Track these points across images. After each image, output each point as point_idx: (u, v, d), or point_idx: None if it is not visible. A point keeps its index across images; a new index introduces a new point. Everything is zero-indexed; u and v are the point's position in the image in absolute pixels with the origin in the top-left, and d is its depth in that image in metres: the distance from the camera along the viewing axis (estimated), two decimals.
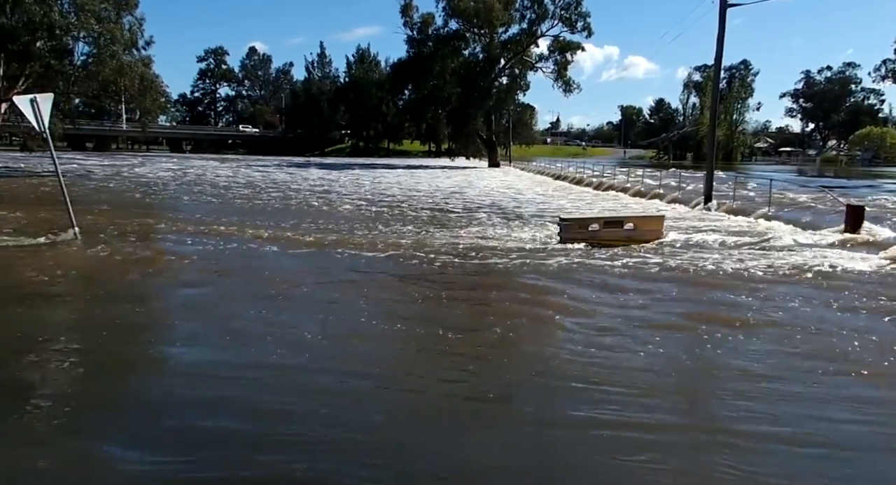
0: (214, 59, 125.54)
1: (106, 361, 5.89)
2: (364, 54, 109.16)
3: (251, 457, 4.03)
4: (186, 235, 13.75)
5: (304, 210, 20.56)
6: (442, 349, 6.31)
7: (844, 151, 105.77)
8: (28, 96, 12.32)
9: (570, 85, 67.08)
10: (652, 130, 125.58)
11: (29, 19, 31.44)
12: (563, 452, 4.22)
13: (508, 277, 9.92)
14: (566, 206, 23.94)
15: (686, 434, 4.50)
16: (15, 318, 7.20)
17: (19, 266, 10.07)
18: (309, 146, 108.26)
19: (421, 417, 4.83)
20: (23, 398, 4.95)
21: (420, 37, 68.05)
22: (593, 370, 5.60)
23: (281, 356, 5.94)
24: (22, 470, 3.92)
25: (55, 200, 16.36)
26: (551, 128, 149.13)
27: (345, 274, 10.03)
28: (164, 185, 32.22)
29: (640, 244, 12.72)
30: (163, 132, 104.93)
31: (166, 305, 8.26)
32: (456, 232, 15.11)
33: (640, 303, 8.15)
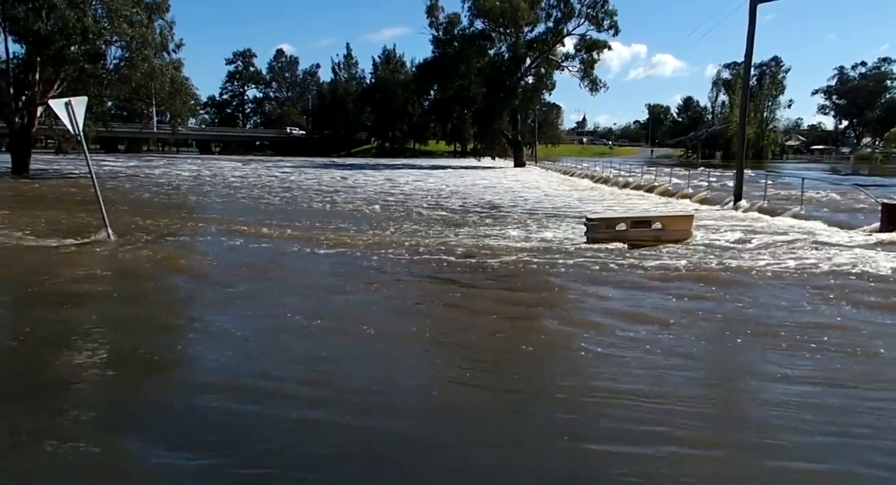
0: (242, 62, 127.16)
1: (139, 360, 5.99)
2: (390, 55, 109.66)
3: (281, 456, 4.06)
4: (216, 235, 13.93)
5: (345, 213, 20.71)
6: (464, 350, 6.31)
7: (879, 148, 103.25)
8: (63, 100, 12.59)
9: (596, 84, 66.63)
10: (680, 128, 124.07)
11: (64, 24, 32.16)
12: (593, 458, 4.18)
13: (534, 277, 9.87)
14: (592, 205, 23.75)
15: (716, 446, 4.43)
16: (50, 317, 7.36)
17: (55, 267, 10.30)
18: (335, 147, 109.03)
19: (451, 416, 4.83)
20: (57, 395, 5.07)
21: (446, 37, 68.11)
22: (620, 373, 5.55)
23: (314, 357, 6.00)
24: (55, 464, 4.01)
25: (87, 201, 16.73)
26: (577, 127, 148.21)
27: (370, 274, 10.06)
28: (177, 186, 32.71)
29: (668, 244, 12.56)
30: (192, 134, 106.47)
31: (198, 305, 8.36)
32: (481, 230, 15.09)
33: (669, 304, 8.05)
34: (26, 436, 4.36)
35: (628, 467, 3.93)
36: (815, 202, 20.26)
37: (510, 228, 16.12)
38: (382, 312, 7.76)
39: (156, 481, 3.83)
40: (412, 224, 16.72)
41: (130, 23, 33.80)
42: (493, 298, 8.53)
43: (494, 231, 15.25)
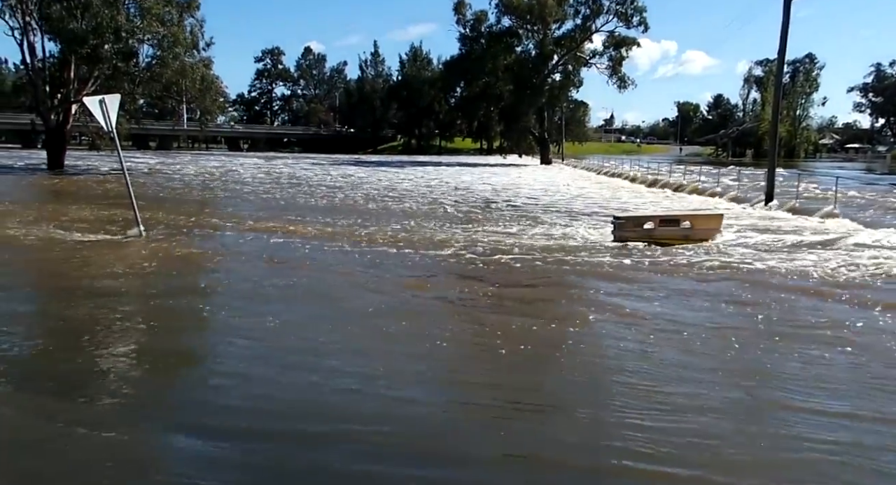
0: (271, 60, 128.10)
1: (170, 353, 6.10)
2: (417, 52, 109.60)
3: (308, 451, 4.10)
4: (242, 232, 14.11)
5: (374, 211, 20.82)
6: (494, 349, 6.30)
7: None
8: (97, 97, 12.84)
9: (624, 81, 65.76)
10: (710, 126, 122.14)
11: (97, 23, 32.78)
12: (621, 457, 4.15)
13: (561, 276, 9.82)
14: (619, 203, 23.53)
15: (749, 449, 4.36)
16: (84, 310, 7.53)
17: (89, 261, 10.53)
18: (362, 144, 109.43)
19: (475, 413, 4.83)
20: (90, 385, 5.19)
21: (473, 34, 67.91)
22: (648, 372, 5.49)
23: (341, 355, 6.03)
24: (88, 450, 4.10)
25: (118, 197, 17.03)
26: (605, 125, 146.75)
27: (400, 271, 10.10)
28: (195, 182, 33.16)
29: (697, 243, 12.40)
30: (221, 131, 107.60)
31: (228, 300, 8.45)
32: (508, 229, 15.05)
33: (698, 305, 7.95)
34: (61, 424, 4.47)
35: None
36: (850, 202, 19.80)
37: (536, 224, 16.05)
38: (411, 307, 7.79)
39: (182, 469, 3.89)
40: (455, 223, 16.75)
41: (162, 21, 34.31)
42: (515, 298, 8.51)
43: (522, 229, 15.20)
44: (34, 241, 12.37)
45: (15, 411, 4.69)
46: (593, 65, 67.04)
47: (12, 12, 35.19)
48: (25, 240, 12.42)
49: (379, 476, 3.84)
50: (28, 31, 35.57)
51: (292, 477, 3.85)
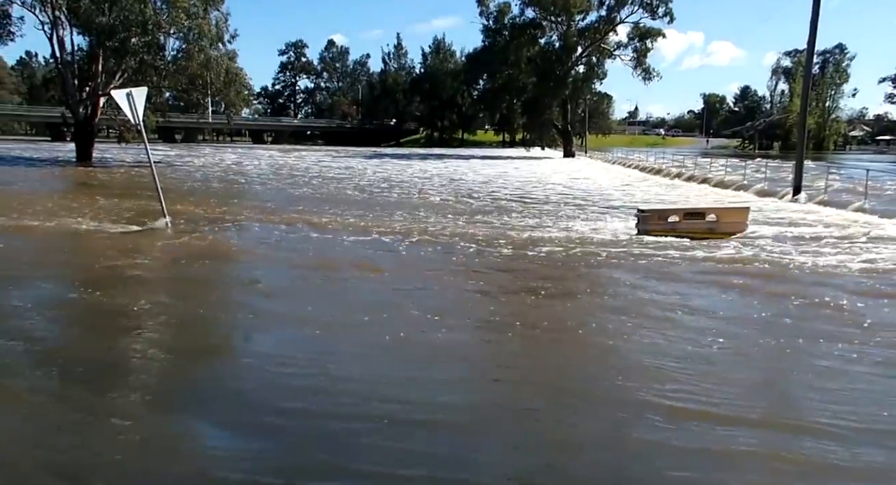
0: (295, 53, 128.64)
1: (196, 344, 6.19)
2: (440, 45, 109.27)
3: (335, 443, 4.13)
4: (265, 224, 14.23)
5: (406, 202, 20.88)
6: (520, 341, 6.29)
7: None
8: (124, 90, 13.00)
9: (649, 73, 64.97)
10: (736, 118, 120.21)
11: (125, 16, 33.18)
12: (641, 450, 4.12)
13: (585, 269, 9.76)
14: (643, 196, 23.29)
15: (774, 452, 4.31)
16: (115, 301, 7.66)
17: (117, 252, 10.69)
18: (384, 137, 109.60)
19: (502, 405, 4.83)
20: (119, 376, 5.28)
21: (496, 26, 67.60)
22: (674, 367, 5.45)
23: (368, 345, 6.07)
24: (118, 441, 4.18)
25: (145, 188, 17.28)
26: (629, 117, 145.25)
27: (427, 264, 10.12)
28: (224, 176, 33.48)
29: (722, 237, 12.24)
30: (246, 124, 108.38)
31: (254, 290, 8.54)
32: (532, 222, 14.99)
33: (723, 298, 7.86)
34: (92, 413, 4.56)
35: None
36: (881, 195, 19.38)
37: (559, 218, 15.97)
38: (446, 302, 7.80)
39: (209, 461, 3.95)
40: (482, 215, 16.74)
41: (188, 14, 34.60)
42: (539, 292, 8.48)
43: (544, 221, 15.14)
44: (62, 231, 12.61)
45: (47, 399, 4.80)
46: (618, 56, 66.36)
47: (42, 6, 35.73)
48: (53, 231, 12.67)
49: (406, 473, 3.86)
50: (57, 25, 36.11)
51: (319, 470, 3.88)
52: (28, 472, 3.74)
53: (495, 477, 3.82)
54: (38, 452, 4.01)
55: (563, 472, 3.90)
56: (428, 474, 3.79)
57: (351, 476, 3.77)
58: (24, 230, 12.71)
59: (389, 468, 3.82)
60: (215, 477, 3.76)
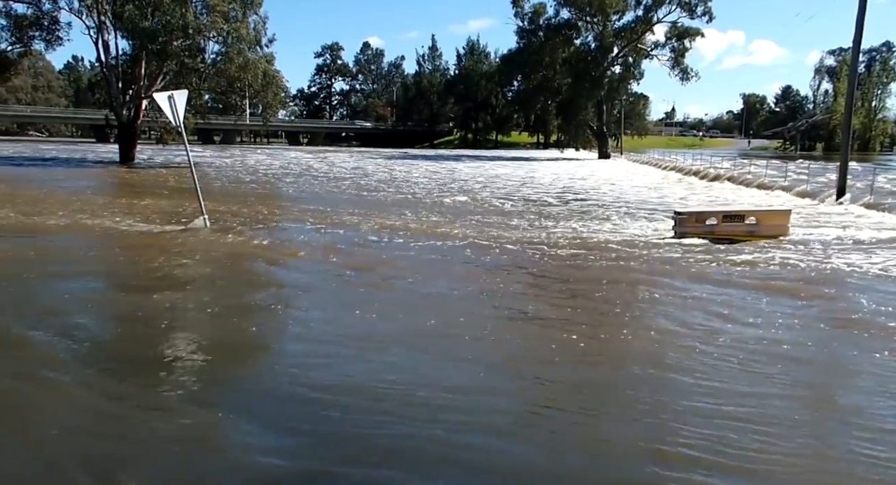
0: (330, 55, 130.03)
1: (235, 341, 6.28)
2: (474, 46, 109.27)
3: (365, 441, 4.14)
4: (301, 223, 14.39)
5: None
6: (556, 344, 6.24)
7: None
8: (166, 93, 13.26)
9: (687, 73, 64.07)
10: (777, 119, 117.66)
11: (167, 21, 33.98)
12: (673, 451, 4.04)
13: (622, 272, 9.62)
14: (680, 198, 22.91)
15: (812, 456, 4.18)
16: (154, 298, 7.81)
17: (157, 251, 10.92)
18: (418, 139, 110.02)
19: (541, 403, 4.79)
20: (156, 370, 5.37)
21: (531, 27, 67.34)
22: (712, 372, 5.33)
23: (404, 345, 6.08)
24: (159, 435, 4.26)
25: (184, 189, 17.63)
26: (666, 118, 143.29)
27: (465, 267, 10.11)
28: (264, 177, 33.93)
29: (762, 240, 11.97)
30: (282, 126, 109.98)
31: (289, 290, 8.64)
32: (569, 224, 14.88)
33: (764, 303, 7.67)
34: (132, 406, 4.66)
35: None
36: None
37: (595, 220, 15.81)
38: (480, 304, 7.78)
39: (248, 456, 3.99)
40: (518, 218, 16.69)
41: (227, 18, 35.27)
42: (576, 294, 8.39)
43: (581, 224, 15.01)
44: (104, 230, 12.93)
45: (89, 392, 4.91)
46: (655, 56, 65.59)
47: (89, 12, 36.84)
48: (96, 229, 12.99)
49: (443, 469, 3.85)
50: (102, 30, 37.17)
51: (355, 465, 3.89)
52: (66, 462, 3.83)
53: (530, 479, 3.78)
54: (76, 443, 4.10)
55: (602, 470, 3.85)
56: (465, 474, 3.78)
57: (384, 471, 3.77)
58: (70, 229, 13.06)
59: (425, 467, 3.82)
60: (249, 471, 3.80)
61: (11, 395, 4.86)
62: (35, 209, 15.83)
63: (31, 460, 3.89)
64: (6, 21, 36.30)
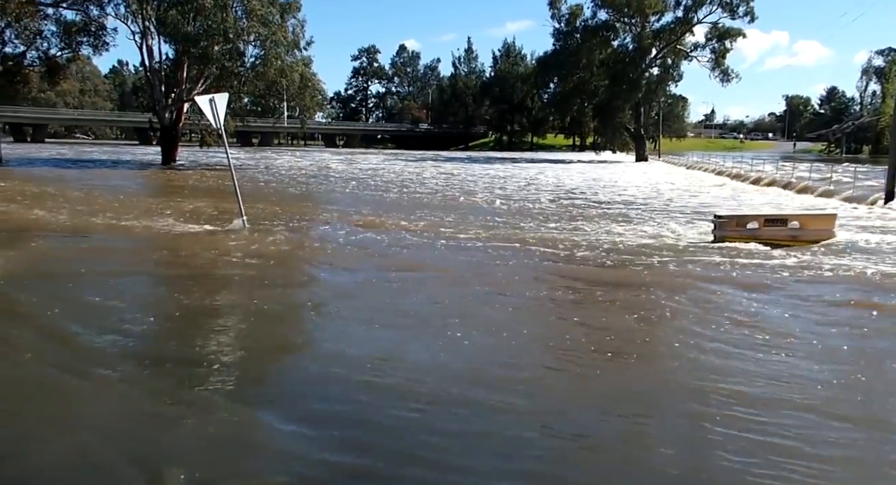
0: (367, 58, 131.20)
1: (276, 340, 6.37)
2: (510, 48, 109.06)
3: (403, 441, 4.15)
4: (336, 224, 14.52)
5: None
6: (592, 349, 6.17)
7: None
8: (207, 96, 13.53)
9: (728, 74, 62.81)
10: (821, 121, 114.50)
11: (208, 26, 34.69)
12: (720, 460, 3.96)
13: (660, 277, 9.47)
14: (720, 201, 22.47)
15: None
16: (192, 298, 7.98)
17: (196, 251, 11.15)
18: (453, 141, 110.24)
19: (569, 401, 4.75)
20: (197, 368, 5.48)
21: (567, 29, 66.84)
22: (752, 380, 5.21)
23: (442, 346, 6.09)
24: (197, 430, 4.35)
25: (223, 190, 17.97)
26: (705, 120, 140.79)
27: (503, 269, 10.08)
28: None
29: (806, 245, 11.65)
30: (319, 128, 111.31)
31: (328, 290, 8.73)
32: (606, 227, 14.73)
33: (810, 311, 7.47)
34: (176, 405, 4.75)
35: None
36: None
37: (631, 223, 15.62)
38: (523, 307, 7.75)
39: (286, 454, 4.03)
40: (552, 220, 16.61)
41: (266, 22, 35.83)
42: (613, 300, 8.29)
43: (619, 227, 14.84)
44: (147, 230, 13.24)
45: (136, 389, 5.03)
46: (694, 58, 64.46)
47: (134, 17, 37.84)
48: (139, 229, 13.31)
49: (478, 467, 3.84)
50: (147, 35, 38.13)
51: (394, 462, 3.91)
52: (112, 457, 3.92)
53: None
54: (121, 438, 4.20)
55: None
56: (498, 469, 3.76)
57: (420, 471, 3.78)
58: (114, 229, 13.41)
59: (460, 461, 3.82)
60: (288, 468, 3.85)
61: (63, 389, 5.02)
62: (82, 209, 16.31)
63: (76, 453, 4.00)
64: (56, 27, 37.48)
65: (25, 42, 36.40)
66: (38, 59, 37.99)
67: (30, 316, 6.88)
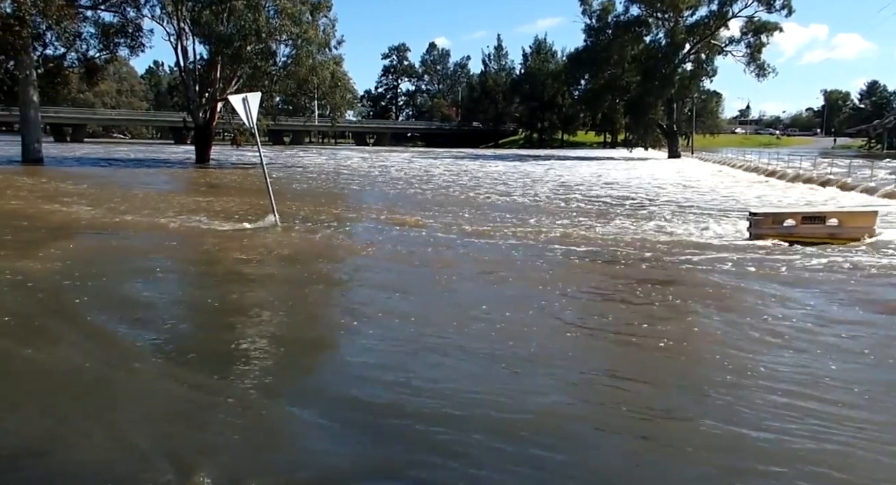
0: (397, 56, 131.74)
1: (307, 336, 6.43)
2: (541, 45, 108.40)
3: (436, 440, 4.15)
4: (368, 223, 14.61)
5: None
6: (624, 349, 6.11)
7: None
8: (240, 95, 13.72)
9: (764, 69, 61.45)
10: (862, 116, 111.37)
11: (241, 26, 35.16)
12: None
13: (694, 275, 9.33)
14: (755, 199, 22.04)
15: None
16: (227, 294, 8.10)
17: (229, 249, 11.30)
18: (483, 138, 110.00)
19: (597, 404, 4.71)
20: (231, 365, 5.55)
21: (599, 25, 66.16)
22: (789, 384, 5.10)
23: (469, 339, 6.11)
24: (231, 424, 4.40)
25: (255, 188, 18.19)
26: (740, 115, 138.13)
27: (539, 265, 10.05)
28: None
29: (845, 244, 11.36)
30: (349, 126, 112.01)
31: (360, 286, 8.78)
32: (639, 225, 14.57)
33: (855, 312, 7.28)
34: (205, 401, 4.82)
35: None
36: None
37: (662, 220, 15.42)
38: (558, 307, 7.72)
39: (317, 449, 4.07)
40: (584, 216, 16.49)
41: (297, 21, 36.16)
42: (647, 301, 8.19)
43: (653, 225, 14.67)
44: (182, 228, 13.47)
45: (172, 383, 5.12)
46: (729, 53, 63.26)
47: (169, 18, 38.54)
48: (172, 227, 13.54)
49: (509, 459, 3.83)
50: (182, 36, 38.79)
51: (426, 460, 3.91)
52: (146, 450, 3.99)
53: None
54: (155, 432, 4.27)
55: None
56: (537, 462, 3.74)
57: (454, 467, 3.79)
58: (150, 226, 13.68)
59: (495, 462, 3.81)
60: (318, 463, 3.88)
61: (102, 383, 5.13)
62: (119, 207, 16.67)
63: (114, 445, 4.08)
64: (95, 29, 38.30)
65: (65, 44, 37.23)
66: (78, 60, 38.84)
67: (70, 312, 7.05)
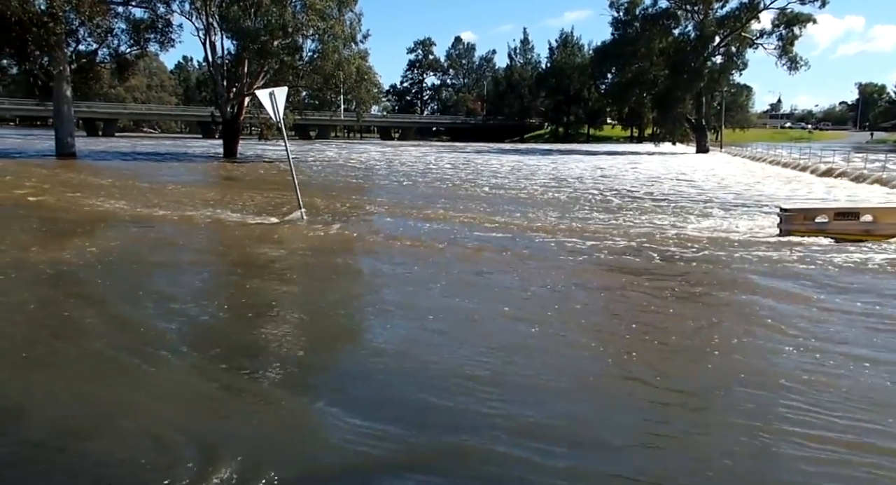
0: (422, 50, 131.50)
1: (333, 329, 6.47)
2: (567, 39, 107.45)
3: (457, 435, 4.15)
4: (393, 217, 14.65)
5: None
6: (650, 345, 6.05)
7: None
8: (267, 90, 13.81)
9: (796, 62, 60.08)
10: None
11: (268, 21, 35.41)
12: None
13: (722, 272, 9.20)
14: (786, 194, 21.62)
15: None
16: (253, 289, 8.17)
17: (258, 242, 11.42)
18: (508, 133, 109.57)
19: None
20: (255, 360, 5.60)
21: (626, 18, 65.27)
22: (812, 385, 5.01)
23: (492, 335, 6.10)
24: (254, 418, 4.45)
25: (282, 182, 18.36)
26: (771, 109, 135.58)
27: (564, 262, 10.00)
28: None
29: (881, 241, 11.09)
30: (374, 121, 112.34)
31: (387, 280, 8.78)
32: (666, 220, 14.40)
33: (880, 310, 7.12)
34: (230, 392, 4.88)
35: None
36: None
37: (691, 215, 15.23)
38: (581, 302, 7.68)
39: (344, 441, 4.07)
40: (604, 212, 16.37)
41: (323, 16, 36.29)
42: (675, 296, 8.10)
43: (680, 220, 14.49)
44: (210, 221, 13.64)
45: (196, 376, 5.19)
46: (760, 45, 61.94)
47: (198, 14, 38.97)
48: (201, 220, 13.72)
49: (531, 459, 3.81)
50: (210, 31, 39.19)
51: (448, 454, 3.93)
52: (171, 440, 4.05)
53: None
54: (180, 422, 4.33)
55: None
56: (557, 457, 3.73)
57: (473, 460, 3.79)
58: (179, 219, 13.88)
59: (518, 454, 3.80)
60: (346, 455, 3.89)
61: (131, 373, 5.21)
62: (148, 200, 16.93)
63: (144, 436, 4.14)
64: (126, 25, 38.89)
65: (97, 40, 37.88)
66: (109, 56, 39.49)
67: (102, 302, 7.19)
